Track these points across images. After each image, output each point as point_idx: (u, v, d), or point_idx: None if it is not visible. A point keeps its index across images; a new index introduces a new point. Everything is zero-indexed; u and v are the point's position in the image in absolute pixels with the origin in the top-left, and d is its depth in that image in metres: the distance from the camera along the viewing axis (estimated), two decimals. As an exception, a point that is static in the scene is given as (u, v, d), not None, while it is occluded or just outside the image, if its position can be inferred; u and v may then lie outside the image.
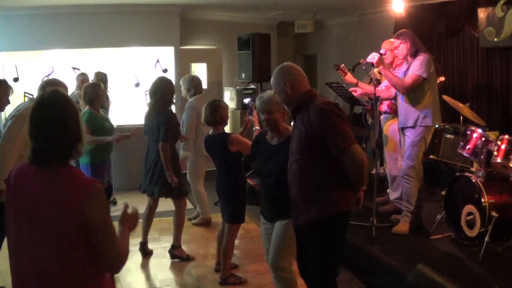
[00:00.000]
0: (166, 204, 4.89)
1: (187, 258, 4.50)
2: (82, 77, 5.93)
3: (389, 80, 4.29)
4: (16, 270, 1.84)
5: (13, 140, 3.13)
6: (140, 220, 5.48)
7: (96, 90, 4.52)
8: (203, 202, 5.49)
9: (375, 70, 4.84)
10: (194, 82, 5.29)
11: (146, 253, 4.60)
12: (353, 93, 4.76)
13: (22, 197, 1.78)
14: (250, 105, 4.18)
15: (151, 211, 4.61)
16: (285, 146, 2.97)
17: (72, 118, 1.79)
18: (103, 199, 1.79)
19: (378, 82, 5.09)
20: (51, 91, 1.86)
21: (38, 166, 1.76)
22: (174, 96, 4.45)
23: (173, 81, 7.11)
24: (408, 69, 4.21)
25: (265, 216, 3.28)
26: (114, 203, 6.10)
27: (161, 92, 4.29)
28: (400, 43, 4.24)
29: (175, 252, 4.50)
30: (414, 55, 4.19)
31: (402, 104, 4.29)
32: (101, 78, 6.00)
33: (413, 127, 4.19)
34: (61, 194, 1.73)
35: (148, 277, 4.24)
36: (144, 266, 4.48)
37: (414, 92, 4.16)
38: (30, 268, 1.78)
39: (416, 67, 4.13)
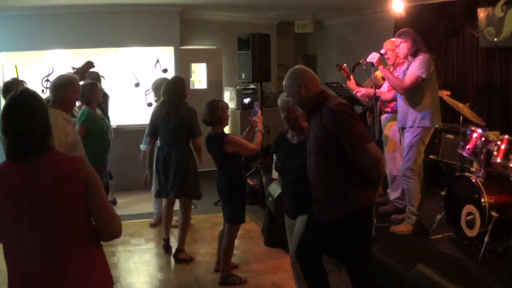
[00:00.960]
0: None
1: (190, 259, 4.51)
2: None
3: (388, 81, 4.29)
4: (20, 266, 1.87)
5: None
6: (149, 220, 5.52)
7: (93, 89, 4.54)
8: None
9: (378, 73, 4.86)
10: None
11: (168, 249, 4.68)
12: (357, 93, 4.76)
13: (18, 193, 1.84)
14: (254, 105, 4.18)
15: (170, 209, 4.70)
16: (305, 144, 3.04)
17: (42, 114, 1.91)
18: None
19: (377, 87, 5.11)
20: (21, 91, 1.95)
21: (16, 161, 1.86)
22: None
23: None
24: (408, 68, 4.20)
25: (288, 213, 3.39)
26: (114, 203, 6.11)
27: (179, 91, 4.39)
28: (401, 42, 4.22)
29: (181, 256, 4.47)
30: (414, 54, 4.17)
31: (401, 104, 4.28)
32: (93, 78, 6.01)
33: (411, 127, 4.18)
34: (60, 173, 1.87)
35: (148, 277, 4.24)
36: (144, 266, 4.48)
37: (413, 92, 4.14)
38: (40, 257, 1.86)
39: (415, 67, 4.11)
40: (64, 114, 3.32)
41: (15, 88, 3.78)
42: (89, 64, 4.59)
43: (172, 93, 4.36)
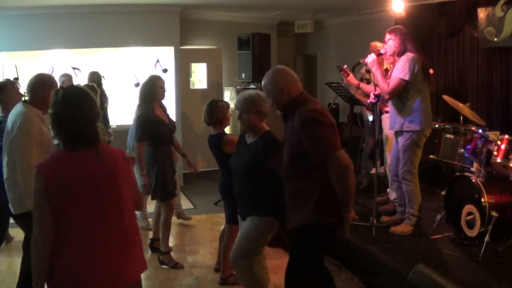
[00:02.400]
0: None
1: (174, 266, 4.34)
2: (64, 78, 5.82)
3: (377, 83, 4.19)
4: (92, 250, 2.01)
5: (30, 161, 3.01)
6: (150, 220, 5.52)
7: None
8: None
9: (363, 69, 4.82)
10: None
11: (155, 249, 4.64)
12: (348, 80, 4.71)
13: (79, 180, 1.99)
14: None
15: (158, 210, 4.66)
16: (255, 145, 3.08)
17: (96, 106, 2.14)
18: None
19: (368, 81, 5.10)
20: (73, 86, 2.19)
21: (79, 150, 2.04)
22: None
23: (173, 81, 7.18)
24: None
25: (239, 214, 3.39)
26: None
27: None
28: (390, 39, 4.11)
29: (163, 258, 4.37)
30: (400, 54, 4.06)
31: (391, 107, 4.24)
32: (93, 79, 6.00)
33: (401, 132, 4.12)
34: (116, 161, 2.11)
35: (148, 277, 4.24)
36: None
37: (398, 96, 4.05)
38: (117, 238, 2.06)
39: (398, 70, 4.01)
40: (40, 113, 3.23)
41: (8, 89, 3.77)
42: None
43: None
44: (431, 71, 5.26)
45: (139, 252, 2.21)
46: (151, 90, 4.24)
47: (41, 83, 3.27)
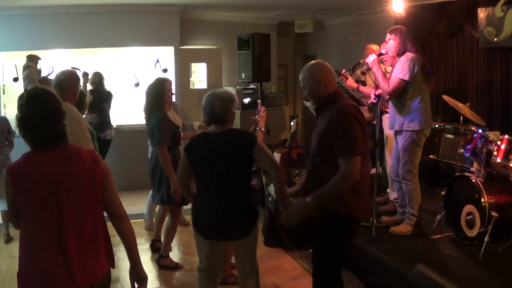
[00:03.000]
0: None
1: (176, 267, 4.37)
2: None
3: (377, 83, 4.19)
4: (55, 252, 1.98)
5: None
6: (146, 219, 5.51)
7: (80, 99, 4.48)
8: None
9: (358, 71, 4.84)
10: None
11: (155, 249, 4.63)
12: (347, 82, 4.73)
13: (39, 182, 1.97)
14: (258, 103, 4.17)
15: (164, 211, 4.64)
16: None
17: (61, 106, 2.10)
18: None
19: (364, 83, 5.10)
20: (37, 87, 2.12)
21: (46, 149, 2.02)
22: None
23: (173, 81, 7.18)
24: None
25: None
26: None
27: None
28: (390, 39, 4.12)
29: (162, 262, 4.36)
30: (399, 54, 4.07)
31: (391, 107, 4.25)
32: (93, 79, 5.99)
33: (401, 131, 4.12)
34: (83, 163, 2.05)
35: (148, 277, 4.24)
36: (144, 266, 4.47)
37: (398, 96, 4.07)
38: (75, 240, 2.01)
39: (397, 70, 4.01)
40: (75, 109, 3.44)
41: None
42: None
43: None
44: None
45: (95, 264, 2.10)
46: (162, 93, 4.22)
47: (72, 79, 3.50)
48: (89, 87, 6.01)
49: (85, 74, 5.96)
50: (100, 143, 5.22)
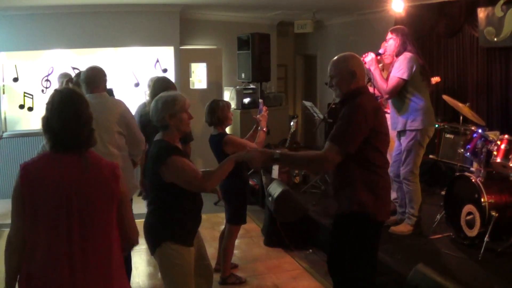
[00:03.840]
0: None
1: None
2: (63, 79, 5.80)
3: (375, 83, 4.19)
4: (62, 262, 1.85)
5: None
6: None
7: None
8: None
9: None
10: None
11: None
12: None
13: (55, 184, 1.87)
14: (259, 103, 4.16)
15: None
16: None
17: (84, 109, 1.99)
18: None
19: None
20: (66, 88, 2.10)
21: (64, 153, 1.92)
22: None
23: (173, 81, 7.17)
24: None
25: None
26: None
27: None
28: (391, 38, 4.13)
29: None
30: (398, 55, 4.08)
31: (391, 107, 4.25)
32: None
33: (404, 132, 4.13)
34: (100, 173, 1.94)
35: (149, 277, 4.25)
36: (145, 266, 4.48)
37: (398, 95, 4.07)
38: (89, 253, 1.89)
39: (396, 69, 4.02)
40: None
41: None
42: None
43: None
44: (438, 79, 5.23)
45: (122, 277, 2.01)
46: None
47: (101, 74, 3.59)
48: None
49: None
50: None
